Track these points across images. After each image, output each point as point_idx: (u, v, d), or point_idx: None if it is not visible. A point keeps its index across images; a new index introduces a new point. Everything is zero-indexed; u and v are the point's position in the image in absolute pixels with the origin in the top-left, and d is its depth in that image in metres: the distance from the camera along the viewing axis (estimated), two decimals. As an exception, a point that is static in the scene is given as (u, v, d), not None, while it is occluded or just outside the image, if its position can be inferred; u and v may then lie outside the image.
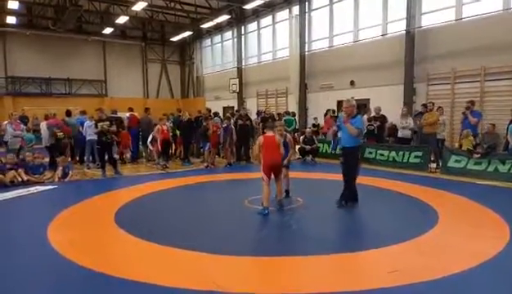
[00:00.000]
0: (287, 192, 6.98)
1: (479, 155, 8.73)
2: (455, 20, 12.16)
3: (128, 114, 12.31)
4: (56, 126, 10.48)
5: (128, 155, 12.06)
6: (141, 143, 12.18)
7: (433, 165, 9.97)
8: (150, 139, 11.21)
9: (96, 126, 9.51)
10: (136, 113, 13.33)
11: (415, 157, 10.19)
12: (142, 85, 26.80)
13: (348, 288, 3.38)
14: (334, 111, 14.29)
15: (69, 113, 11.41)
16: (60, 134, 10.38)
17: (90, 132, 10.34)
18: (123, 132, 11.25)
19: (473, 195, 6.56)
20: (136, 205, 6.77)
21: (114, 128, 9.58)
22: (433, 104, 10.77)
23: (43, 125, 10.89)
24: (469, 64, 11.64)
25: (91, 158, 10.83)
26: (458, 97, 11.88)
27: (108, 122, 9.59)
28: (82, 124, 10.89)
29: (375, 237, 4.88)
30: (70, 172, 9.24)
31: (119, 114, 11.69)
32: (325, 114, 14.32)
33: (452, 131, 11.88)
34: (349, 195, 6.33)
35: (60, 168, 9.08)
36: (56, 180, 8.92)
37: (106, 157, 9.66)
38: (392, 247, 4.38)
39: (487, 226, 5.25)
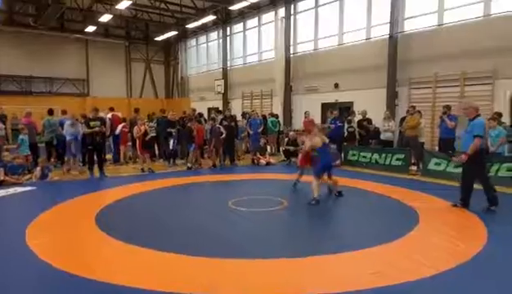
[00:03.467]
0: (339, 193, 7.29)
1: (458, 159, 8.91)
2: (437, 25, 12.45)
3: (109, 115, 12.09)
4: (30, 126, 10.26)
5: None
6: (130, 144, 11.99)
7: (414, 167, 10.16)
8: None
9: (89, 126, 9.34)
10: (118, 113, 13.13)
11: (397, 159, 10.37)
12: (126, 84, 26.43)
13: (330, 290, 3.40)
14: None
15: (51, 112, 11.14)
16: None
17: (70, 132, 10.13)
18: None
19: (452, 198, 6.72)
20: (117, 207, 6.67)
21: (104, 128, 9.54)
22: (415, 107, 10.98)
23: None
24: (450, 69, 11.92)
25: (72, 159, 10.60)
26: (439, 101, 12.13)
27: (99, 122, 9.51)
28: (61, 124, 10.64)
29: (356, 238, 4.94)
30: (50, 174, 9.04)
31: (101, 114, 11.46)
32: (305, 117, 14.40)
33: (433, 135, 12.13)
34: (492, 199, 6.15)
35: (38, 168, 8.86)
36: (35, 180, 8.71)
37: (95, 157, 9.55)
38: (373, 249, 4.44)
39: (465, 228, 5.38)
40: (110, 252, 4.44)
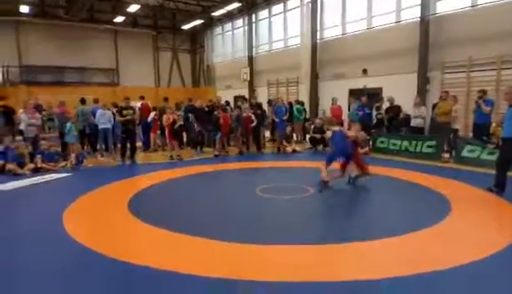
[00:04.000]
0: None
1: (494, 145, 8.57)
2: (471, 6, 11.85)
3: (139, 104, 12.37)
4: (62, 114, 10.68)
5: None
6: (159, 132, 12.29)
7: (447, 155, 9.84)
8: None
9: (122, 114, 9.70)
10: (148, 102, 13.42)
11: (428, 146, 10.07)
12: (154, 74, 26.87)
13: (365, 277, 3.40)
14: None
15: (83, 101, 11.53)
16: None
17: (103, 121, 10.47)
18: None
19: (486, 185, 6.47)
20: (148, 193, 6.88)
21: (136, 117, 9.89)
22: (448, 92, 10.57)
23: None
24: (485, 52, 11.35)
25: (104, 146, 10.98)
26: (474, 86, 11.62)
27: (132, 111, 9.86)
28: (94, 114, 10.99)
29: (388, 226, 4.87)
30: (84, 160, 9.40)
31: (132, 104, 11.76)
32: (332, 104, 14.19)
33: (467, 121, 11.67)
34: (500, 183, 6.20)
35: (73, 155, 9.23)
36: (70, 167, 9.09)
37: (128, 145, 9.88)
38: (405, 236, 4.37)
39: (500, 217, 5.19)
40: (141, 236, 4.61)
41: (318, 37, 17.34)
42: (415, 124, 10.95)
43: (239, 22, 23.49)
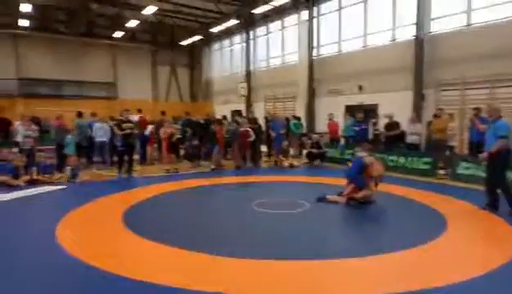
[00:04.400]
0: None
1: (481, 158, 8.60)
2: (466, 25, 12.10)
3: (136, 117, 12.42)
4: (60, 127, 10.67)
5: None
6: (156, 145, 12.31)
7: (442, 171, 9.89)
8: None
9: (121, 128, 9.69)
10: (146, 116, 13.47)
11: (424, 163, 10.12)
12: (152, 88, 27.02)
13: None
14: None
15: (80, 115, 11.56)
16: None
17: (100, 134, 10.48)
18: None
19: (482, 202, 6.49)
20: (144, 206, 6.83)
21: (136, 130, 9.91)
22: (442, 110, 10.69)
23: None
24: (480, 71, 11.54)
25: (100, 159, 10.95)
26: (468, 103, 11.76)
27: (132, 124, 9.87)
28: (91, 127, 10.99)
29: (383, 242, 4.86)
30: (79, 173, 9.36)
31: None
32: (329, 119, 14.30)
33: (462, 138, 11.77)
34: (492, 202, 6.23)
35: (69, 168, 9.19)
36: (65, 180, 9.03)
37: (126, 158, 9.86)
38: (400, 253, 4.36)
39: (495, 234, 5.19)
40: (136, 250, 4.56)
41: (315, 54, 17.60)
42: (411, 141, 11.04)
43: (237, 38, 23.81)
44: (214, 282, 3.56)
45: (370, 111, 14.33)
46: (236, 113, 17.50)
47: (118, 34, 22.99)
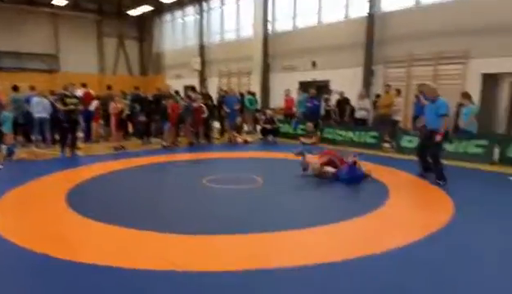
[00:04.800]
0: None
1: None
2: (414, 4, 12.50)
3: (80, 91, 11.66)
4: None
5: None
6: (102, 122, 11.66)
7: (388, 145, 10.36)
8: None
9: (64, 103, 9.00)
10: (91, 91, 12.70)
11: (371, 137, 10.54)
12: (98, 61, 25.48)
13: (303, 262, 3.45)
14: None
15: (16, 88, 10.63)
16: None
17: (39, 109, 9.74)
18: None
19: (426, 177, 6.91)
20: (90, 185, 6.51)
21: (81, 106, 9.29)
22: (390, 86, 11.11)
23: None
24: (425, 48, 12.06)
25: (40, 137, 10.23)
26: (413, 80, 12.31)
27: (76, 100, 9.23)
28: (28, 102, 10.17)
29: (329, 213, 5.02)
30: (15, 151, 8.69)
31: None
32: (286, 95, 14.37)
33: (407, 113, 12.35)
34: (437, 174, 6.47)
35: (4, 146, 8.50)
36: (1, 159, 8.36)
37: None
38: (346, 223, 4.53)
39: (433, 201, 5.55)
40: (81, 231, 4.34)
41: (270, 28, 17.41)
42: (360, 116, 11.41)
43: (189, 10, 22.92)
44: (165, 260, 3.48)
45: (322, 87, 14.56)
46: (190, 88, 16.99)
47: (59, 2, 21.20)
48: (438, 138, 6.36)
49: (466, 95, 8.94)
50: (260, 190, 6.24)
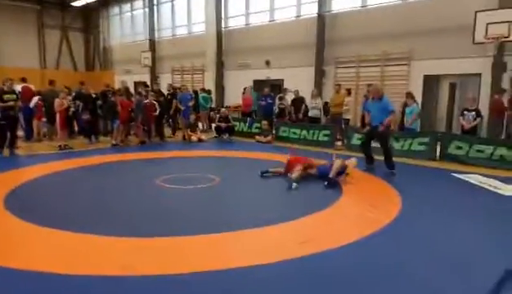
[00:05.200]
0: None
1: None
2: (361, 6, 13.02)
3: (19, 87, 10.79)
4: None
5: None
6: (45, 119, 10.86)
7: (339, 143, 10.71)
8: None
9: (2, 99, 8.27)
10: (31, 85, 11.81)
11: (324, 135, 10.83)
12: (39, 54, 23.77)
13: (256, 262, 3.44)
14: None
15: None
16: None
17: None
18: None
19: (372, 170, 7.22)
20: (31, 187, 6.05)
21: (19, 102, 8.58)
22: (340, 86, 11.49)
23: None
24: (372, 50, 12.62)
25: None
26: (362, 80, 12.84)
27: (15, 96, 8.51)
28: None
29: (284, 211, 5.05)
30: None
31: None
32: (243, 93, 14.33)
33: (356, 112, 12.85)
34: (392, 165, 7.23)
35: None
36: None
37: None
38: (300, 220, 4.59)
39: (383, 197, 5.81)
40: (21, 236, 4.00)
41: (223, 25, 17.28)
42: (313, 114, 11.68)
43: (138, 3, 22.12)
44: (109, 265, 3.31)
45: (276, 86, 14.72)
46: (142, 84, 16.38)
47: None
48: (382, 128, 7.09)
49: (410, 95, 9.49)
50: (216, 190, 6.15)
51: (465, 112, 8.80)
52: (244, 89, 13.90)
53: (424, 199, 5.65)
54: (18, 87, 10.68)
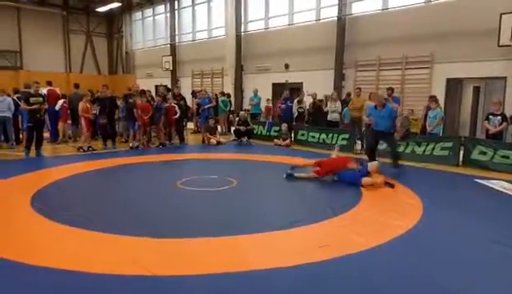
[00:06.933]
0: None
1: (398, 138, 9.42)
2: (382, 9, 12.87)
3: (45, 90, 11.17)
4: None
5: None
6: (70, 122, 11.22)
7: (359, 147, 10.60)
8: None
9: (28, 102, 8.61)
10: (56, 89, 12.22)
11: (343, 139, 10.74)
12: (64, 58, 24.52)
13: (276, 265, 3.44)
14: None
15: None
16: None
17: (2, 108, 9.27)
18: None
19: (393, 174, 7.11)
20: (57, 188, 6.24)
21: (46, 105, 8.91)
22: (360, 89, 11.36)
23: None
24: (393, 53, 12.45)
25: (2, 137, 9.72)
26: (382, 83, 12.68)
27: (41, 99, 8.85)
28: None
29: (305, 215, 5.04)
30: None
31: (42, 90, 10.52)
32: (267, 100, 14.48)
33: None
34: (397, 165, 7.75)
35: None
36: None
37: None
38: (320, 224, 4.57)
39: (404, 202, 5.71)
40: (48, 236, 4.14)
41: (242, 29, 17.41)
42: (332, 118, 11.59)
43: (160, 8, 22.53)
44: (136, 265, 3.38)
45: (295, 89, 14.70)
46: (164, 87, 16.66)
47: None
48: (397, 136, 8.05)
49: (434, 99, 9.28)
50: (235, 192, 6.20)
51: (491, 116, 8.54)
52: (267, 101, 14.23)
53: (446, 205, 5.52)
54: (44, 91, 11.08)
